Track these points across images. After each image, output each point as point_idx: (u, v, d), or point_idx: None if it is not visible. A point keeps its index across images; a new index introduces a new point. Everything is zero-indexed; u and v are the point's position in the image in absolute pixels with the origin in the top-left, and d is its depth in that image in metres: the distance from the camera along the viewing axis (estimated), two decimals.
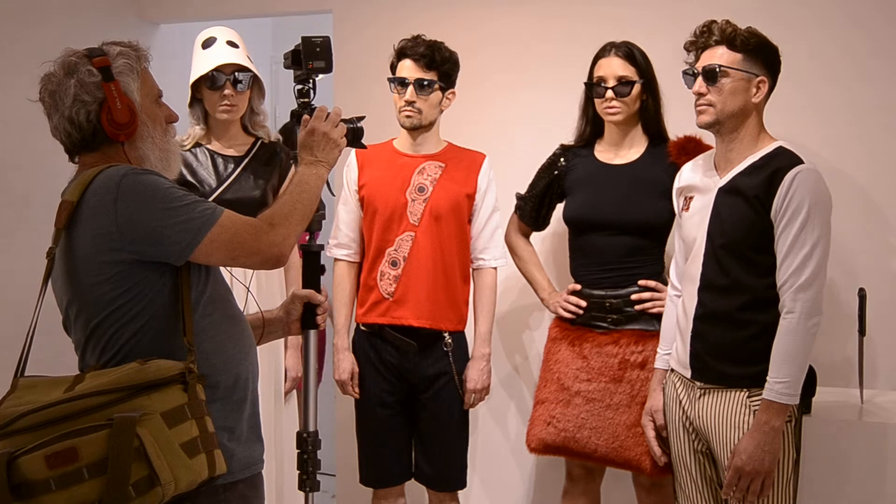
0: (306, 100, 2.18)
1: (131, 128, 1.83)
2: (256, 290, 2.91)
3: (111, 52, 1.84)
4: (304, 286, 2.15)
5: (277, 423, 3.03)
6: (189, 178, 2.90)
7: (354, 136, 2.13)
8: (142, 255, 1.75)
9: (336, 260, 3.02)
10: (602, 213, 2.80)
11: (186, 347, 1.74)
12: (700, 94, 2.39)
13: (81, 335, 1.82)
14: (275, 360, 3.06)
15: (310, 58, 2.15)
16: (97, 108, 1.80)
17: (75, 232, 1.77)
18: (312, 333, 2.16)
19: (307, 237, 2.19)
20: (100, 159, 1.83)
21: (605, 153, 2.88)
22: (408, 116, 2.89)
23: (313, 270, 2.17)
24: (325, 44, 2.16)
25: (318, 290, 2.15)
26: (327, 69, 2.18)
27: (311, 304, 2.13)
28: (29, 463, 1.56)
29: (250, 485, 1.88)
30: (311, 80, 2.19)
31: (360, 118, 2.18)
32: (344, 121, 2.09)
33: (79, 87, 1.80)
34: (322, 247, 2.20)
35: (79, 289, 1.78)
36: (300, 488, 2.16)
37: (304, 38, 2.17)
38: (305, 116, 2.09)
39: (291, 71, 2.22)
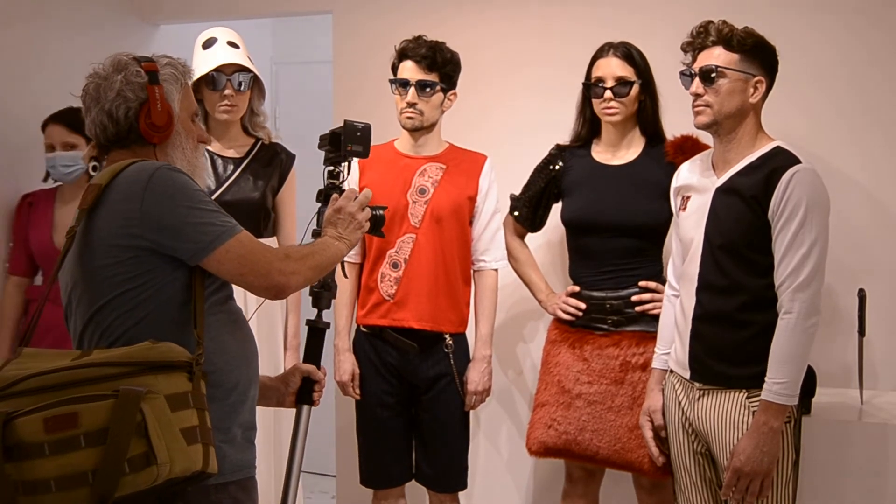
0: (336, 181, 2.21)
1: (167, 132, 1.88)
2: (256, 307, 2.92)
3: (160, 60, 1.92)
4: (306, 361, 2.16)
5: (277, 424, 3.03)
6: None
7: (375, 224, 2.15)
8: (158, 247, 1.77)
9: None
10: (600, 215, 2.80)
11: (196, 340, 1.75)
12: (697, 95, 2.38)
13: (80, 321, 1.83)
14: (274, 361, 3.06)
15: (349, 141, 2.20)
16: (137, 108, 1.85)
17: (98, 214, 1.79)
18: (305, 409, 2.15)
19: (315, 314, 2.19)
20: (129, 157, 1.86)
21: (603, 153, 2.87)
22: (409, 118, 2.89)
23: (317, 347, 2.18)
24: (367, 130, 2.23)
25: (319, 367, 2.16)
26: (364, 154, 2.24)
27: (311, 379, 2.13)
28: (26, 424, 1.56)
29: (242, 487, 1.88)
30: (345, 163, 2.23)
31: (382, 208, 2.20)
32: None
33: (124, 83, 1.85)
34: (328, 324, 2.21)
35: (88, 269, 1.80)
36: None
37: (346, 122, 2.22)
38: (335, 196, 2.12)
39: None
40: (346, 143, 2.20)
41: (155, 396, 1.61)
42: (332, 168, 2.23)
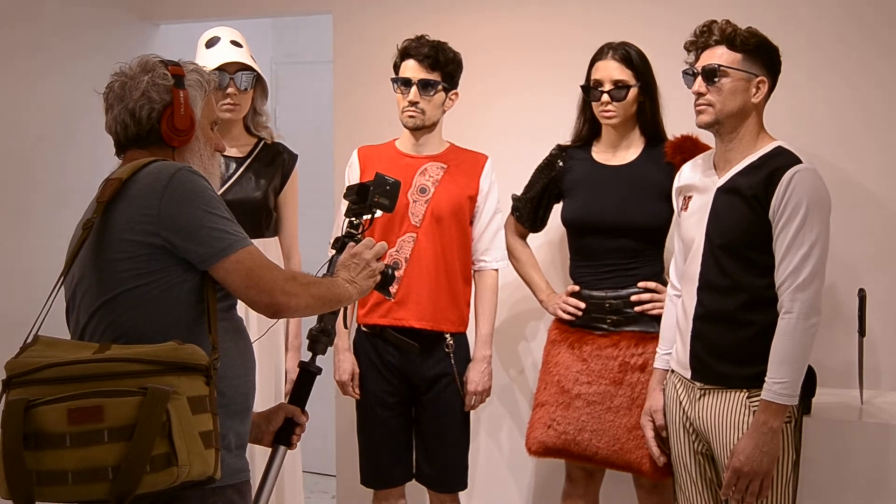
0: (354, 232, 2.20)
1: (187, 136, 1.89)
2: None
3: (186, 66, 1.93)
4: (292, 402, 2.13)
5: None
6: None
7: (384, 280, 2.13)
8: (172, 247, 1.77)
9: None
10: (600, 215, 2.80)
11: (211, 345, 1.75)
12: (699, 94, 2.39)
13: (85, 313, 1.82)
14: (275, 362, 3.06)
15: (378, 193, 2.20)
16: (160, 110, 1.86)
17: (115, 207, 1.80)
18: (280, 450, 2.10)
19: (310, 358, 2.15)
20: (146, 157, 1.87)
21: (603, 154, 2.88)
22: (411, 117, 2.89)
23: (305, 389, 2.14)
24: (396, 186, 2.24)
25: (303, 410, 2.12)
26: (389, 209, 2.24)
27: (293, 422, 2.10)
28: (49, 413, 1.55)
29: (238, 491, 1.88)
30: (368, 215, 2.22)
31: (395, 267, 2.20)
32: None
33: (151, 84, 1.86)
34: (320, 370, 2.17)
35: (99, 262, 1.80)
36: None
37: (378, 175, 2.22)
38: (351, 243, 2.11)
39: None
40: (374, 194, 2.20)
41: (178, 397, 1.62)
42: (353, 219, 2.21)
